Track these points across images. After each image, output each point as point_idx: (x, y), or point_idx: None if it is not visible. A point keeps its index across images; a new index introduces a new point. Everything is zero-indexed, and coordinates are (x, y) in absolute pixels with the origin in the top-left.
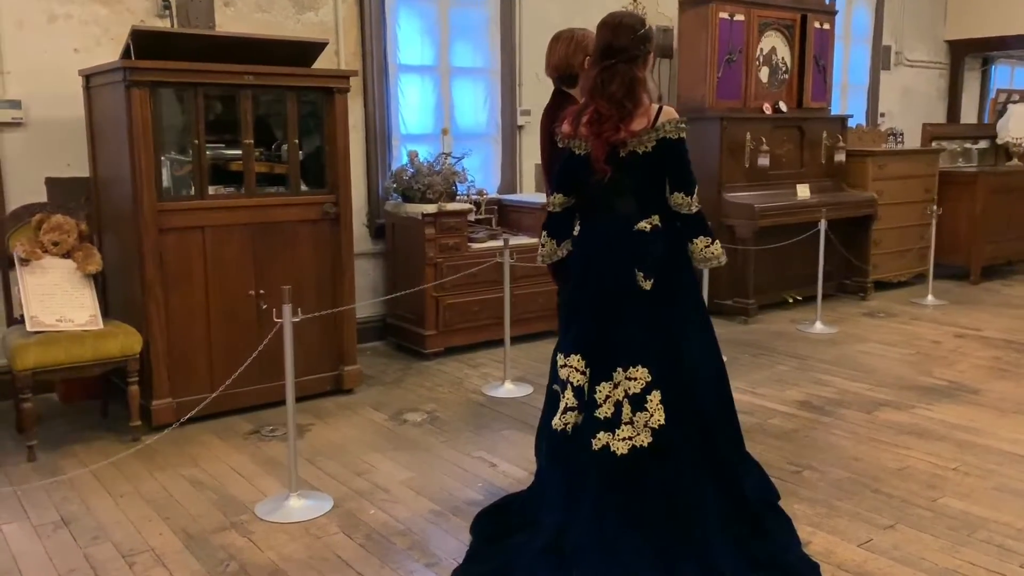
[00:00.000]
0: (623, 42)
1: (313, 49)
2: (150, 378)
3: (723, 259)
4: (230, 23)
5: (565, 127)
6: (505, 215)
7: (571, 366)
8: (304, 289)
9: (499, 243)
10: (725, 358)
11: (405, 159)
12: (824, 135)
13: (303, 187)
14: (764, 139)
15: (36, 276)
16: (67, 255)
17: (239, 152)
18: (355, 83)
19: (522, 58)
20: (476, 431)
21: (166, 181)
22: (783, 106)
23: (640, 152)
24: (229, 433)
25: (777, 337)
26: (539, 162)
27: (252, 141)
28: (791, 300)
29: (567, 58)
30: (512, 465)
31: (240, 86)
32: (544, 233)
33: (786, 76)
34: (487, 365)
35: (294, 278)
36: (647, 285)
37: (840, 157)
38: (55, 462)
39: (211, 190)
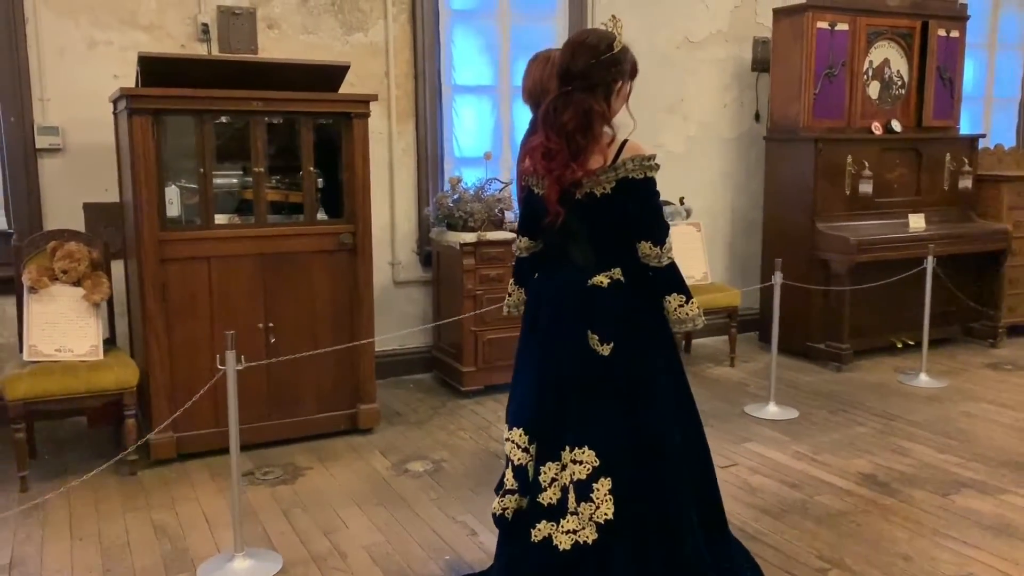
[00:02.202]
0: (580, 66)
1: (335, 72)
2: (150, 411)
3: (699, 322)
4: (274, 46)
5: (527, 162)
6: None
7: (512, 441)
8: (319, 322)
9: None
10: (796, 413)
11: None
12: (948, 158)
13: (321, 216)
14: (867, 163)
15: (43, 304)
16: (78, 283)
17: (250, 180)
18: (406, 105)
19: None
20: (475, 489)
21: (176, 210)
22: (897, 125)
23: (598, 194)
24: (225, 472)
25: (870, 390)
26: None
27: (263, 169)
28: (900, 345)
29: (542, 82)
30: (494, 535)
31: (249, 112)
32: (511, 280)
33: (902, 91)
34: None
35: (308, 311)
36: (604, 350)
37: (966, 183)
38: (41, 495)
39: (221, 219)
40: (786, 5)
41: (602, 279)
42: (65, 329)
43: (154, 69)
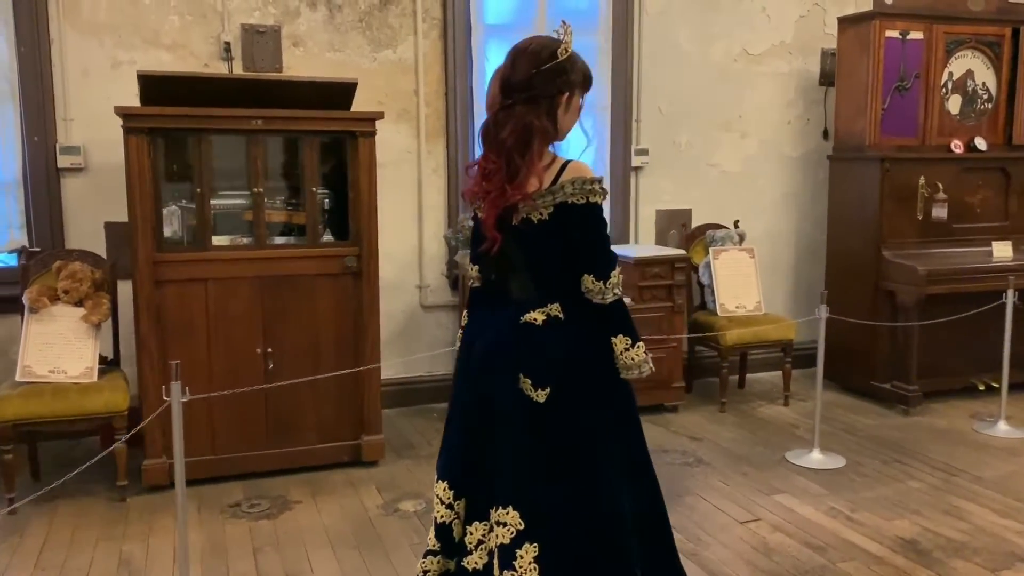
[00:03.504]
0: (520, 77)
1: (344, 89)
2: (143, 435)
3: (646, 369)
4: (299, 64)
5: (471, 183)
6: None
7: (437, 496)
8: (321, 349)
9: None
10: (843, 461)
11: None
12: None
13: (327, 237)
14: (941, 185)
15: (43, 324)
16: (80, 304)
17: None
18: (436, 123)
19: (640, 91)
20: None
21: (175, 231)
22: (982, 143)
23: (535, 220)
24: (212, 502)
25: (937, 438)
26: (661, 207)
27: (262, 189)
28: (983, 387)
29: (492, 95)
30: None
31: (249, 131)
32: (465, 311)
33: (988, 106)
34: None
35: (310, 336)
36: (538, 396)
37: None
38: (28, 520)
39: (221, 240)
40: (852, 13)
41: (537, 315)
42: (62, 350)
43: (155, 87)
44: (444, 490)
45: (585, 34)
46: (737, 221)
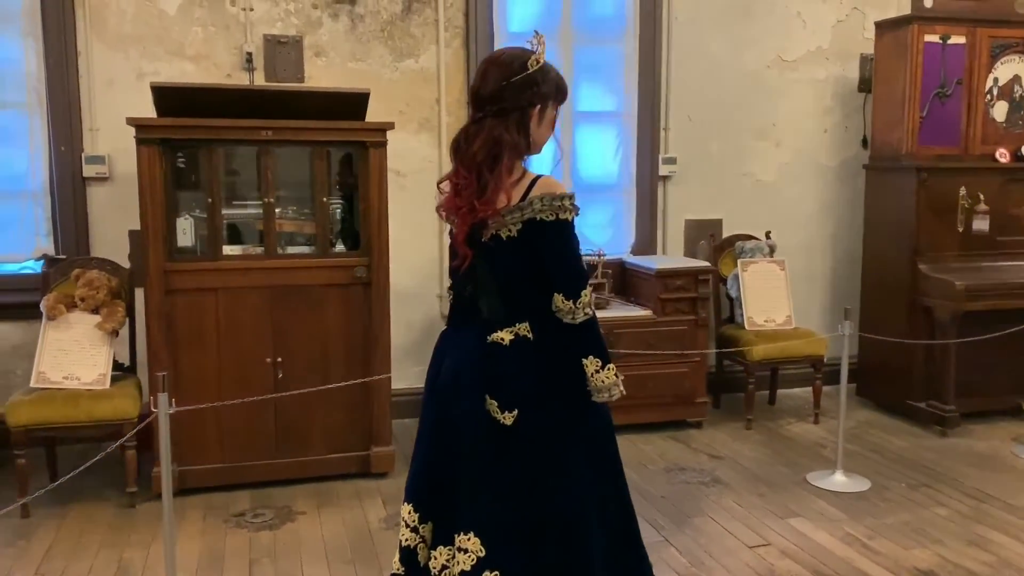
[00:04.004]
0: (491, 89)
1: (356, 99)
2: (152, 443)
3: (616, 392)
4: (321, 74)
5: (445, 199)
6: (627, 280)
7: (403, 518)
8: (331, 359)
9: (601, 313)
10: (867, 484)
11: None
12: None
13: (338, 248)
14: (982, 196)
15: (60, 331)
16: (96, 311)
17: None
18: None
19: (668, 99)
20: None
21: (188, 240)
22: None
23: (504, 237)
24: (218, 511)
25: (972, 461)
26: (690, 217)
27: (272, 200)
28: None
29: None
30: None
31: (259, 142)
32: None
33: None
34: None
35: (319, 346)
36: (506, 419)
37: None
38: (40, 523)
39: (232, 250)
40: (889, 17)
41: (504, 335)
42: (77, 357)
43: (169, 98)
44: (409, 513)
45: (611, 42)
46: (769, 232)
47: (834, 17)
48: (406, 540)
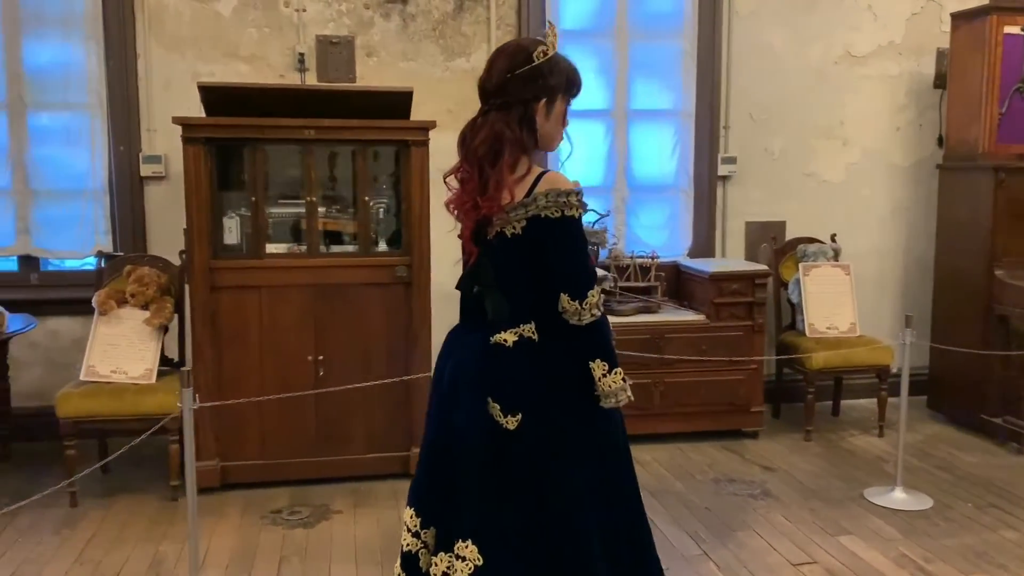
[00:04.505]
0: (497, 81)
1: (399, 98)
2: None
3: (623, 397)
4: (372, 74)
5: (453, 194)
6: (682, 283)
7: (405, 523)
8: (372, 358)
9: (651, 317)
10: (929, 503)
11: None
12: None
13: (381, 247)
14: None
15: (111, 326)
16: (146, 307)
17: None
18: None
19: (729, 96)
20: None
21: (234, 238)
22: None
23: (508, 234)
24: (256, 507)
25: None
26: (751, 219)
27: (315, 198)
28: None
29: None
30: None
31: (302, 141)
32: None
33: None
34: None
35: (360, 346)
36: (509, 423)
37: None
38: (85, 513)
39: (276, 248)
40: (966, 8)
41: (507, 336)
42: (126, 351)
43: (217, 98)
44: (411, 517)
45: (668, 38)
46: (834, 235)
47: (908, 10)
48: (407, 545)
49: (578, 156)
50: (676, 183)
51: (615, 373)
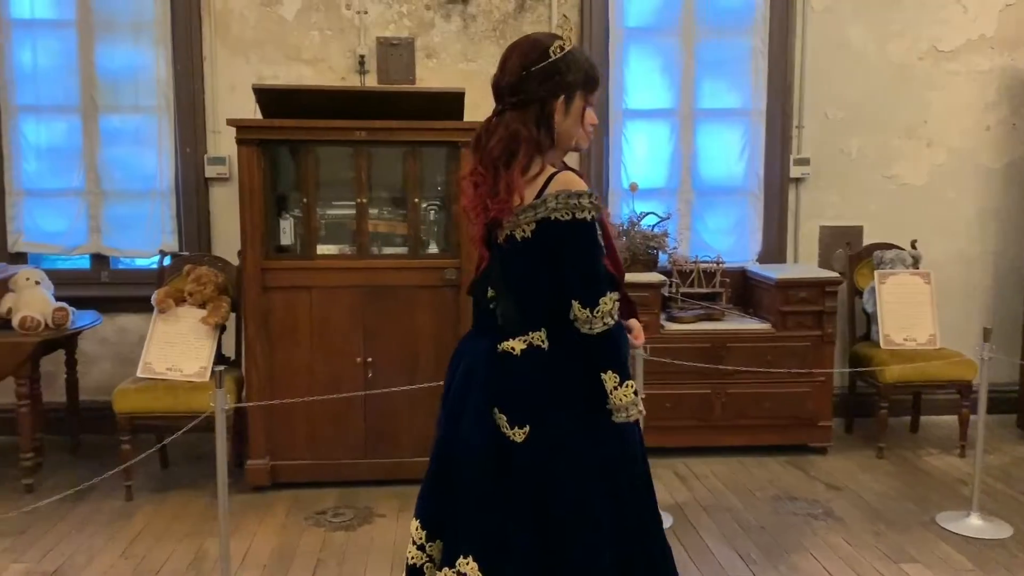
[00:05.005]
0: (510, 79)
1: (451, 99)
2: (247, 436)
3: (634, 412)
4: (432, 76)
5: (467, 197)
6: (748, 290)
7: (411, 535)
8: (420, 361)
9: (713, 325)
10: (1008, 531)
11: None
12: None
13: (431, 249)
14: None
15: (169, 324)
16: (204, 306)
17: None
18: None
19: (803, 95)
20: None
21: (288, 239)
22: None
23: (518, 238)
24: (303, 507)
25: None
26: (825, 224)
27: (366, 200)
28: None
29: None
30: None
31: (354, 142)
32: None
33: None
34: (660, 477)
35: (409, 348)
36: (516, 435)
37: None
38: (139, 507)
39: (326, 249)
40: None
41: (515, 344)
42: (182, 349)
43: (273, 100)
44: (416, 529)
45: (738, 34)
46: (914, 241)
47: (1001, 1)
48: (412, 558)
49: (641, 157)
50: (745, 185)
51: (626, 386)
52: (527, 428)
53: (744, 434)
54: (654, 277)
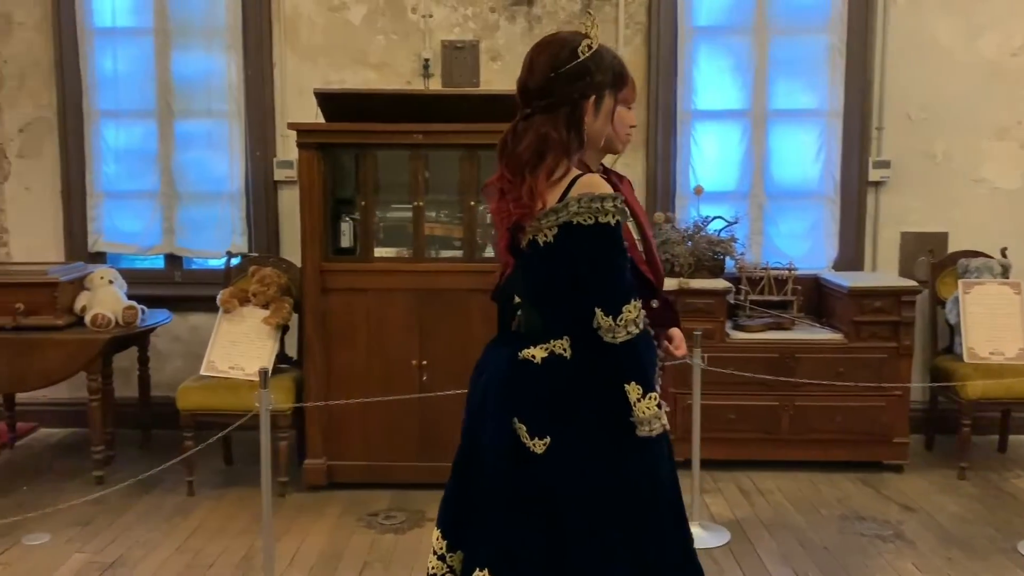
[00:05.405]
0: (537, 82)
1: (509, 101)
2: (304, 436)
3: (657, 426)
4: (496, 78)
5: (493, 203)
6: (822, 298)
7: (432, 544)
8: (471, 364)
9: (781, 334)
10: None
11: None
12: None
13: (487, 253)
14: None
15: (233, 323)
16: (266, 306)
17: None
18: (637, 136)
19: (883, 95)
20: None
21: (348, 241)
22: None
23: (540, 243)
24: (356, 508)
25: None
26: (907, 230)
27: (422, 203)
28: None
29: None
30: None
31: (411, 145)
32: None
33: None
34: (722, 491)
35: (461, 351)
36: (536, 446)
37: None
38: (199, 503)
39: (383, 252)
40: None
41: (536, 352)
42: (244, 348)
43: (334, 104)
44: (437, 539)
45: (814, 32)
46: (1004, 249)
47: None
48: (433, 568)
49: (711, 160)
50: (820, 189)
51: (649, 398)
52: (547, 439)
53: (814, 449)
54: (719, 283)
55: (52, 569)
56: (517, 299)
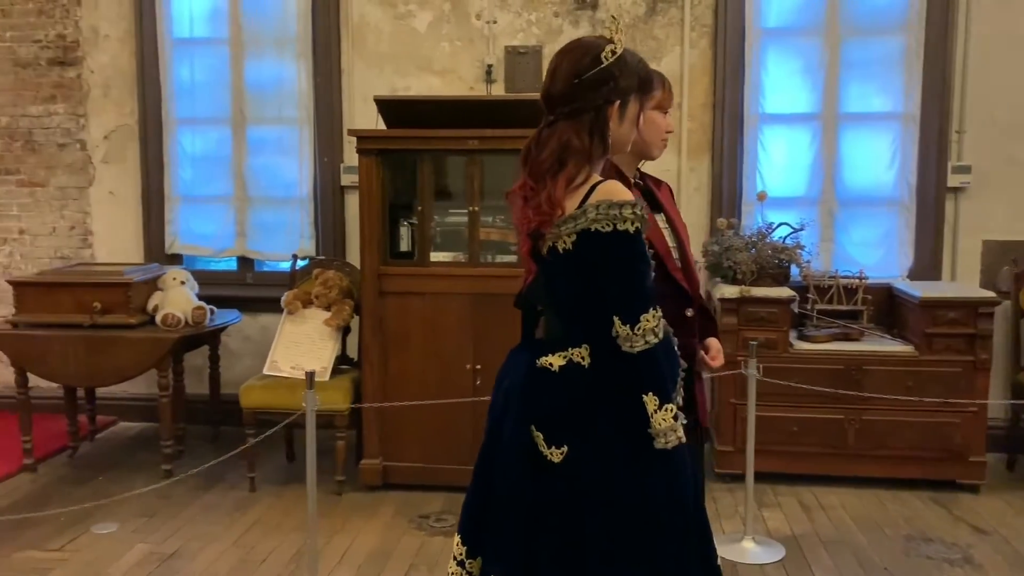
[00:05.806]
0: (560, 88)
1: None
2: (362, 436)
3: (673, 438)
4: None
5: (517, 211)
6: (894, 309)
7: (452, 552)
8: None
9: (848, 345)
10: None
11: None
12: None
13: None
14: None
15: (296, 325)
16: (328, 308)
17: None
18: (701, 139)
19: (964, 97)
20: None
21: (407, 245)
22: None
23: (560, 250)
24: (408, 510)
25: None
26: (990, 238)
27: (478, 208)
28: None
29: None
30: None
31: (466, 151)
32: None
33: None
34: (782, 506)
35: None
36: (554, 455)
37: None
38: (259, 499)
39: (439, 256)
40: None
41: (553, 360)
42: (306, 349)
43: (393, 110)
44: (457, 545)
45: (888, 33)
46: None
47: None
48: (452, 573)
49: (779, 164)
50: (894, 195)
51: (666, 410)
52: (564, 448)
53: (882, 465)
54: (783, 292)
55: (116, 558)
56: (539, 305)
